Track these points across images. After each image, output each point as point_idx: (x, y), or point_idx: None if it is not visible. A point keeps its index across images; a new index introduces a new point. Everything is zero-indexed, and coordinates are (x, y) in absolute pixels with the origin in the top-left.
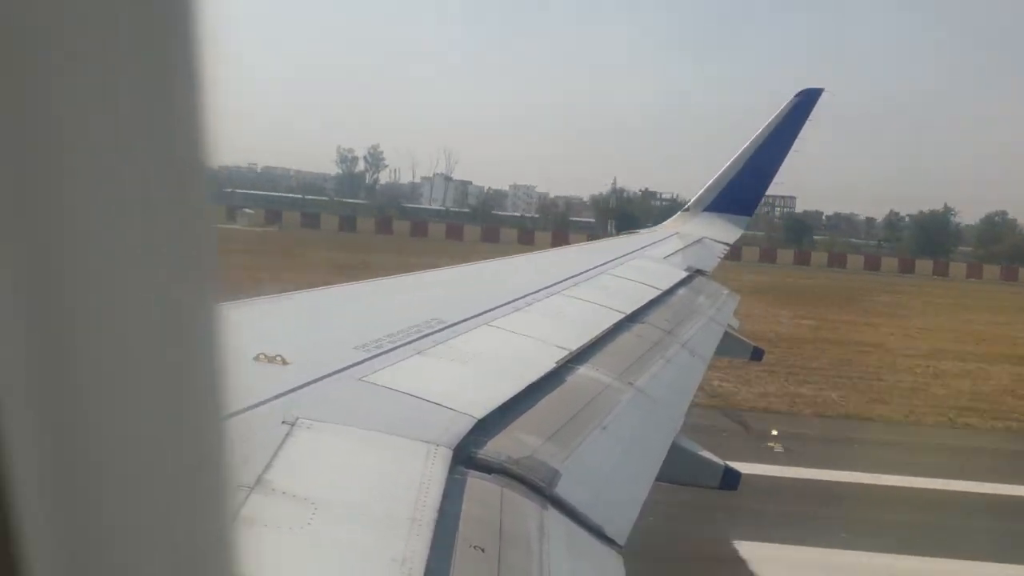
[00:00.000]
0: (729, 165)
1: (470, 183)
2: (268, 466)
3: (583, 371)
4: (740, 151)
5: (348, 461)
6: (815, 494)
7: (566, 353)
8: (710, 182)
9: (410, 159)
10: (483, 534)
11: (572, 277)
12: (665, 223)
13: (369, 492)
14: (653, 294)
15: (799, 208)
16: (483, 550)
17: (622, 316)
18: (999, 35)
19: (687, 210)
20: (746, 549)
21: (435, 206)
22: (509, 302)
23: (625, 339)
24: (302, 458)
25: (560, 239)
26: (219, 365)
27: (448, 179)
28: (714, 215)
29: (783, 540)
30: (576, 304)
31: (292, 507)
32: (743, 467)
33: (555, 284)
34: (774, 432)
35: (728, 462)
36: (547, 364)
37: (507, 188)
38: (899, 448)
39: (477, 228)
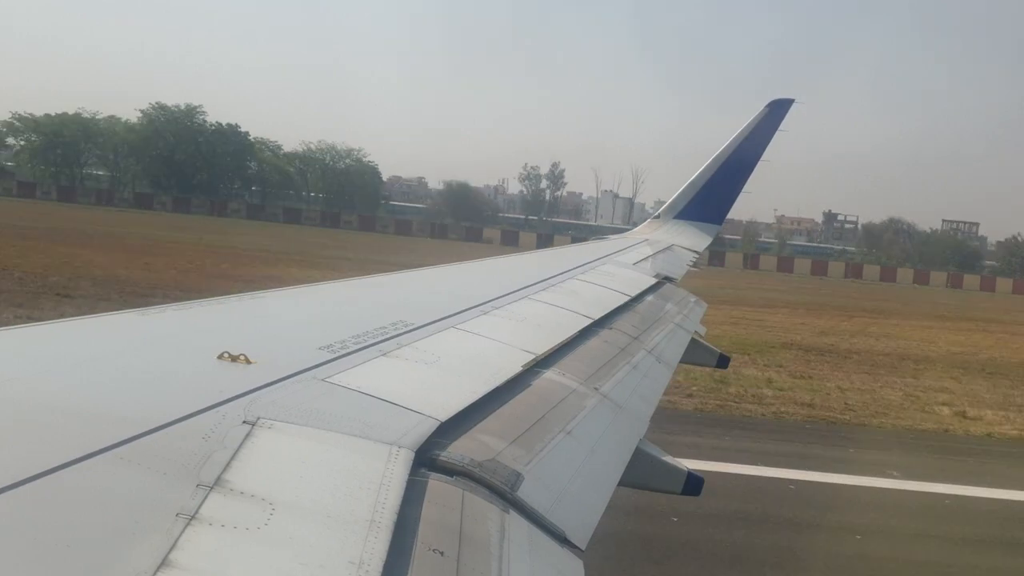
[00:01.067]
0: (700, 173)
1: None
2: (227, 466)
3: (549, 375)
4: (711, 160)
5: (308, 462)
6: None
7: (532, 357)
8: (681, 190)
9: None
10: (443, 537)
11: (541, 281)
12: (635, 229)
13: (329, 493)
14: (621, 300)
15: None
16: (442, 553)
17: (590, 321)
18: None
19: (657, 217)
20: None
21: (602, 222)
22: (477, 305)
23: (592, 344)
24: (262, 458)
25: None
26: None
27: (615, 196)
28: (684, 223)
29: None
30: (544, 308)
31: (250, 507)
32: None
33: (524, 288)
34: None
35: (691, 469)
36: (513, 368)
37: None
38: None
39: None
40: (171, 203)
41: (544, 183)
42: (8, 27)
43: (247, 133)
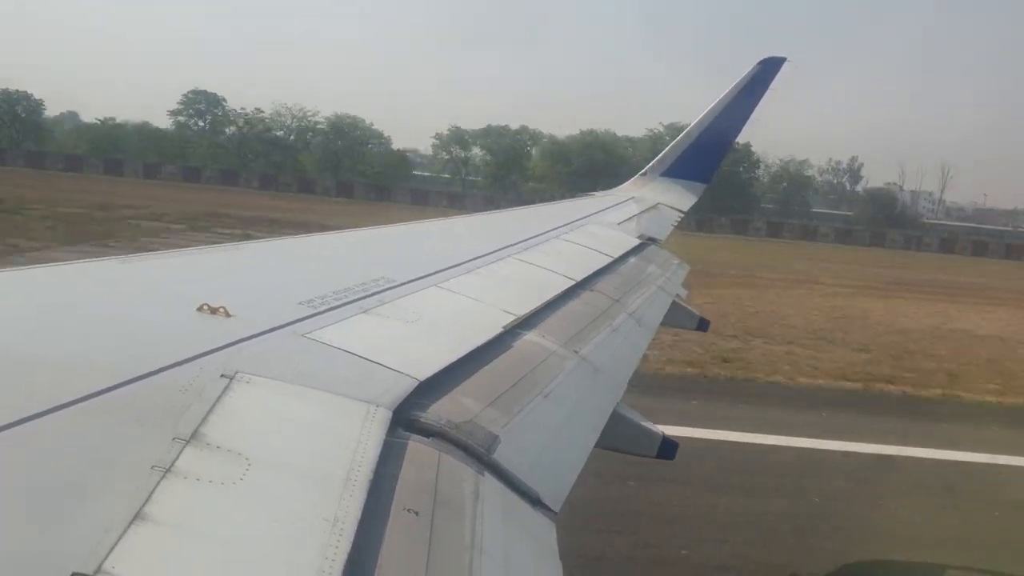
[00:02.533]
0: (688, 131)
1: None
2: (204, 420)
3: (529, 337)
4: (700, 117)
5: (285, 417)
6: None
7: (513, 318)
8: (669, 147)
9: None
10: (417, 497)
11: (525, 240)
12: (623, 186)
13: (304, 450)
14: (604, 261)
15: None
16: (416, 513)
17: (572, 283)
18: None
19: (644, 174)
20: None
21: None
22: (460, 263)
23: (573, 306)
24: (239, 413)
25: None
26: None
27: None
28: (671, 180)
29: None
30: (527, 269)
31: (226, 461)
32: None
33: (508, 247)
34: None
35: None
36: (494, 329)
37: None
38: None
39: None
40: (729, 224)
41: None
42: None
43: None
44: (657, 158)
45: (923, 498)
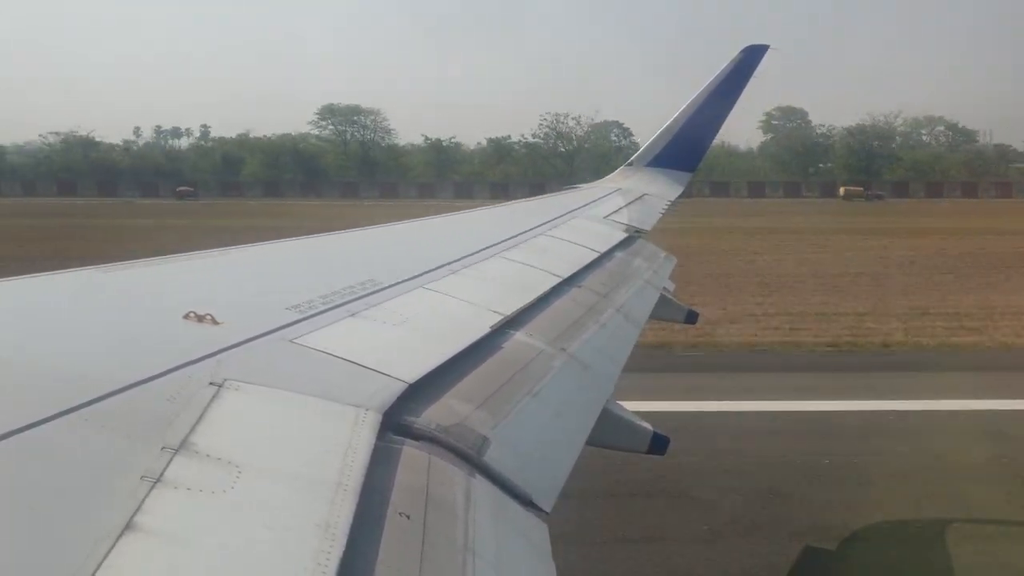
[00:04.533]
0: (673, 120)
1: None
2: (193, 428)
3: (517, 336)
4: (684, 106)
5: (275, 424)
6: None
7: (501, 318)
8: (654, 136)
9: None
10: (409, 501)
11: (511, 238)
12: (608, 177)
13: (295, 456)
14: (591, 257)
15: None
16: (409, 517)
17: (559, 280)
18: None
19: (630, 164)
20: None
21: None
22: (446, 264)
23: (560, 304)
24: (228, 420)
25: None
26: None
27: None
28: (657, 170)
29: None
30: (513, 267)
31: (216, 469)
32: None
33: (494, 245)
34: None
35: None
36: (481, 329)
37: None
38: None
39: None
40: None
41: None
42: None
43: None
44: (643, 148)
45: None
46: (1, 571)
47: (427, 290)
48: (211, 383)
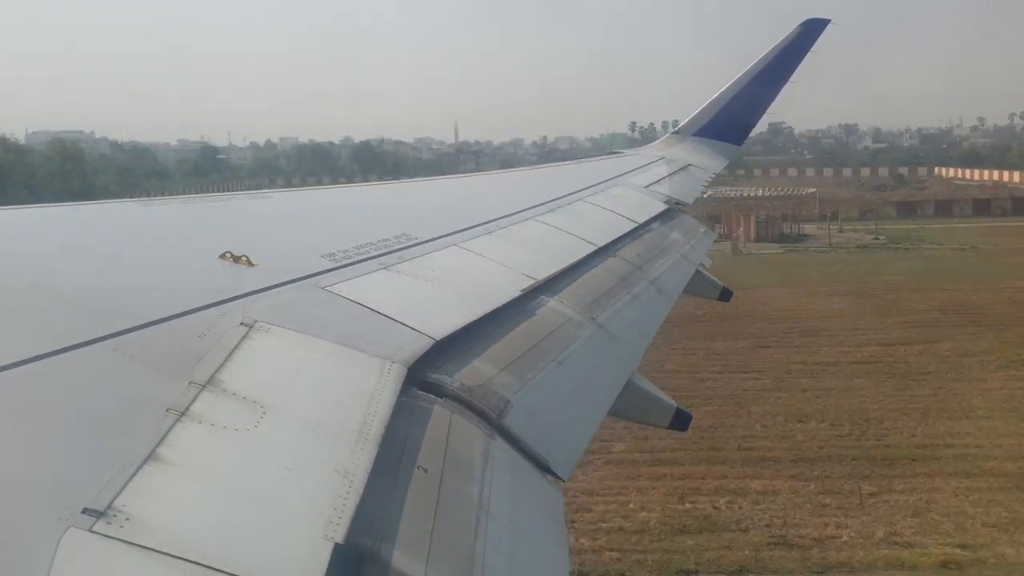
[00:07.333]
0: (724, 90)
1: None
2: (221, 366)
3: (547, 302)
4: (737, 77)
5: (301, 368)
6: None
7: (532, 282)
8: (703, 106)
9: None
10: (428, 456)
11: (549, 202)
12: (652, 144)
13: (319, 402)
14: (628, 227)
15: None
16: (426, 471)
17: (594, 248)
18: None
19: (677, 132)
20: None
21: None
22: (481, 224)
23: (593, 272)
24: (256, 361)
25: None
26: None
27: None
28: (703, 141)
29: None
30: (548, 231)
31: (240, 408)
32: None
33: (530, 208)
34: None
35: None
36: (512, 292)
37: None
38: None
39: None
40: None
41: None
42: None
43: None
44: (691, 117)
45: None
46: (26, 493)
47: (461, 248)
48: (242, 323)
